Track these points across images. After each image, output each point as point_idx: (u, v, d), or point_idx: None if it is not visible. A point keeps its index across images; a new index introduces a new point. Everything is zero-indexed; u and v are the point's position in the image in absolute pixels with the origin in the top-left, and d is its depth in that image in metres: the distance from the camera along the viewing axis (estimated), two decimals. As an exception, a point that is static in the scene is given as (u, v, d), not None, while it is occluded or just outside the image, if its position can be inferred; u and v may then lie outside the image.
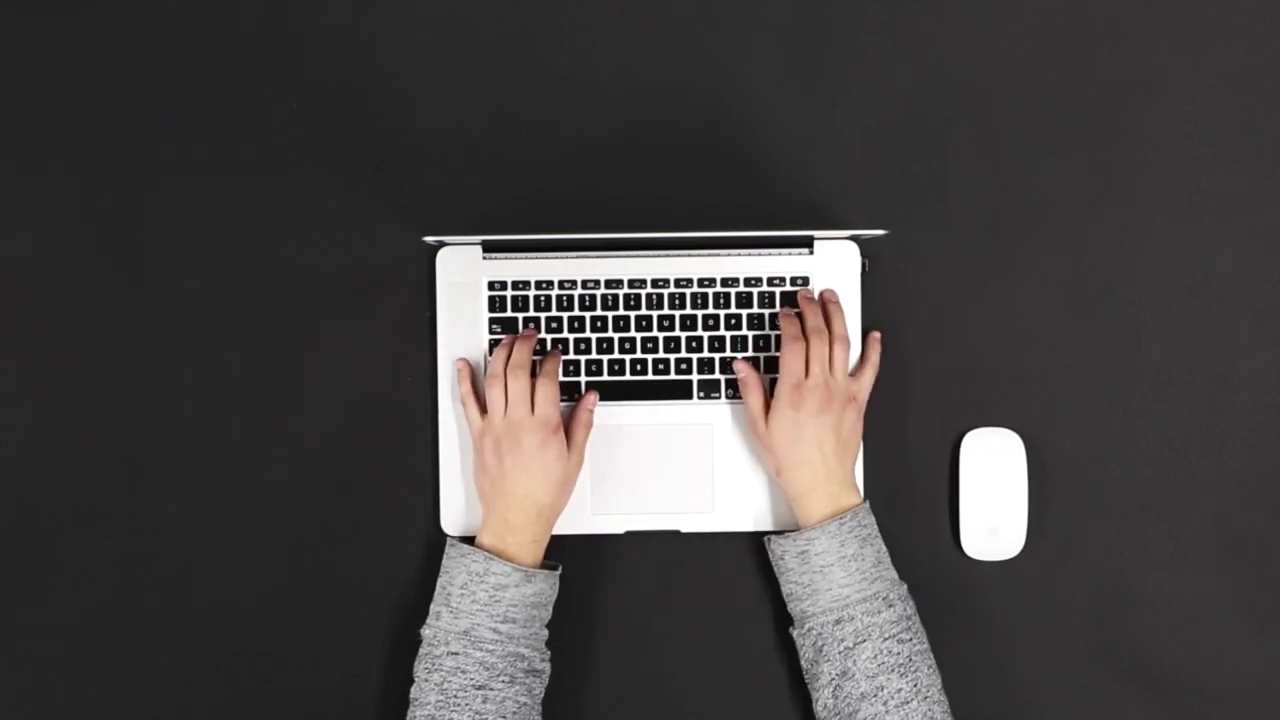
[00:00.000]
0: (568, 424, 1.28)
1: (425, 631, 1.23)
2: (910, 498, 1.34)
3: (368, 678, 1.33)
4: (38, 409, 1.33)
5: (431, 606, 1.24)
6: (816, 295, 1.32)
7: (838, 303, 1.31)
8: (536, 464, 1.24)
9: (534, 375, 1.27)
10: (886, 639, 1.20)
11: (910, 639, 1.21)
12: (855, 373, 1.30)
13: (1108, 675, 1.34)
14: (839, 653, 1.21)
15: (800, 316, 1.29)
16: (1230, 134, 1.35)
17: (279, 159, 1.34)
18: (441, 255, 1.33)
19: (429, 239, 1.28)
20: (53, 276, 1.34)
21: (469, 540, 1.27)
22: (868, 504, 1.27)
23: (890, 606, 1.21)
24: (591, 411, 1.29)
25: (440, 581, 1.24)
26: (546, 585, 1.24)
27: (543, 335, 1.32)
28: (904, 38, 1.35)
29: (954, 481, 1.34)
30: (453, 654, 1.20)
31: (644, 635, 1.34)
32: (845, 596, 1.22)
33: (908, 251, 1.34)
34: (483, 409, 1.28)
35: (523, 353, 1.27)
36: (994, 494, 1.33)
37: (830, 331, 1.28)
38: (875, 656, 1.20)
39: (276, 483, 1.34)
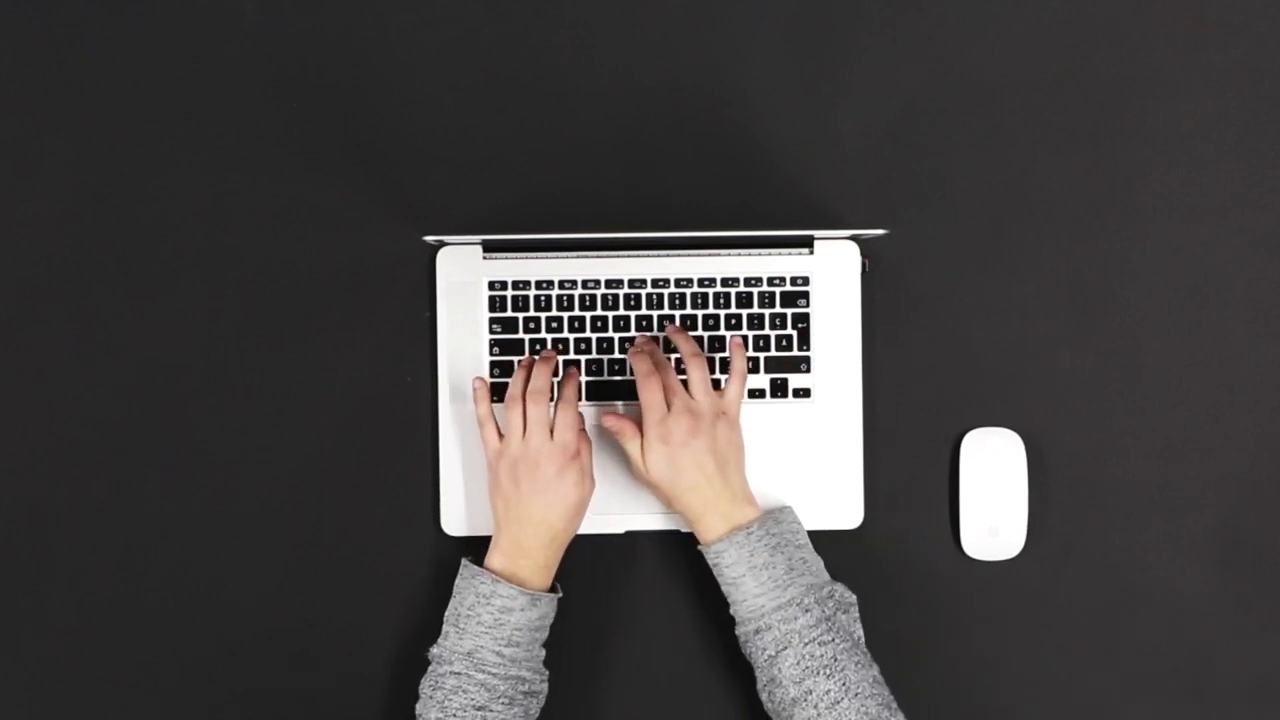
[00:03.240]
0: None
1: (433, 650, 1.23)
2: (910, 498, 1.34)
3: (367, 678, 1.33)
4: (37, 409, 1.33)
5: (443, 625, 1.24)
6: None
7: (678, 328, 1.30)
8: (554, 491, 1.23)
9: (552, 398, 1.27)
10: (807, 643, 1.19)
11: (831, 639, 1.20)
12: (723, 386, 1.28)
13: (1108, 675, 1.34)
14: (764, 661, 1.21)
15: (649, 353, 1.28)
16: (1230, 134, 1.35)
17: (279, 159, 1.34)
18: (441, 255, 1.33)
19: (429, 239, 1.28)
20: (52, 276, 1.34)
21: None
22: (780, 513, 1.25)
23: (806, 611, 1.20)
24: (585, 433, 1.28)
25: (452, 602, 1.24)
26: (549, 608, 1.24)
27: (562, 355, 1.31)
28: (904, 37, 1.35)
29: (954, 481, 1.34)
30: (455, 673, 1.21)
31: (643, 635, 1.34)
32: (760, 606, 1.21)
33: (908, 251, 1.34)
34: (499, 431, 1.27)
35: (542, 376, 1.26)
36: (994, 494, 1.33)
37: (681, 353, 1.27)
38: (798, 662, 1.19)
39: (276, 483, 1.34)
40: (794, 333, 1.33)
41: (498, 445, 1.26)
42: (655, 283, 1.33)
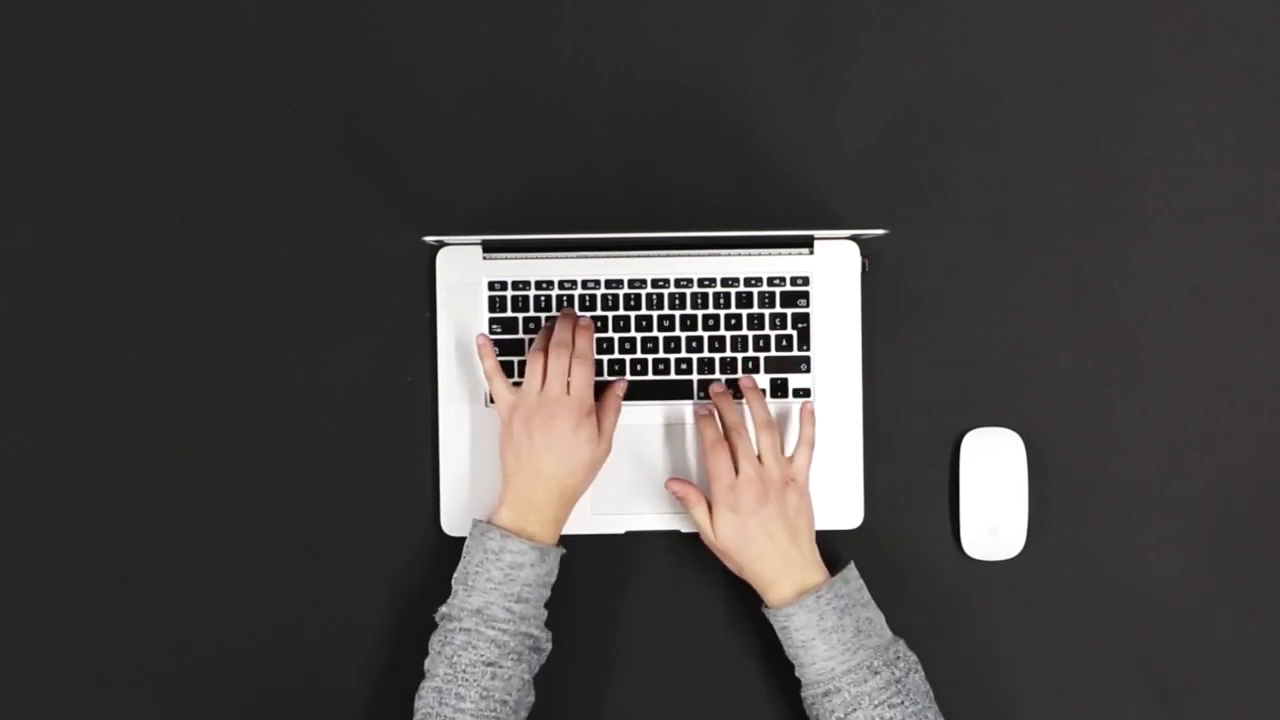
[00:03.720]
0: (598, 409, 1.27)
1: (441, 609, 1.23)
2: (910, 498, 1.34)
3: (367, 677, 1.33)
4: (37, 409, 1.33)
5: (452, 582, 1.24)
6: (724, 385, 1.31)
7: (754, 387, 1.30)
8: (568, 444, 1.23)
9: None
10: (876, 705, 1.20)
11: (900, 702, 1.20)
12: (793, 452, 1.28)
13: (1108, 675, 1.34)
14: None
15: (721, 414, 1.28)
16: (1230, 134, 1.35)
17: (279, 159, 1.34)
18: (441, 255, 1.33)
19: (429, 239, 1.28)
20: (52, 276, 1.34)
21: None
22: (847, 572, 1.25)
23: (876, 674, 1.20)
24: (620, 397, 1.28)
25: (460, 562, 1.24)
26: (555, 563, 1.24)
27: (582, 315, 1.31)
28: (904, 37, 1.35)
29: (954, 481, 1.34)
30: (464, 630, 1.20)
31: (644, 635, 1.34)
32: (830, 669, 1.21)
33: (908, 251, 1.34)
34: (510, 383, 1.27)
35: (565, 331, 1.26)
36: (994, 494, 1.33)
37: (754, 420, 1.27)
38: None
39: (276, 483, 1.34)
40: (794, 333, 1.33)
41: (511, 397, 1.25)
42: (655, 283, 1.33)
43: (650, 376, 1.32)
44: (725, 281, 1.33)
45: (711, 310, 1.33)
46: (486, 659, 1.19)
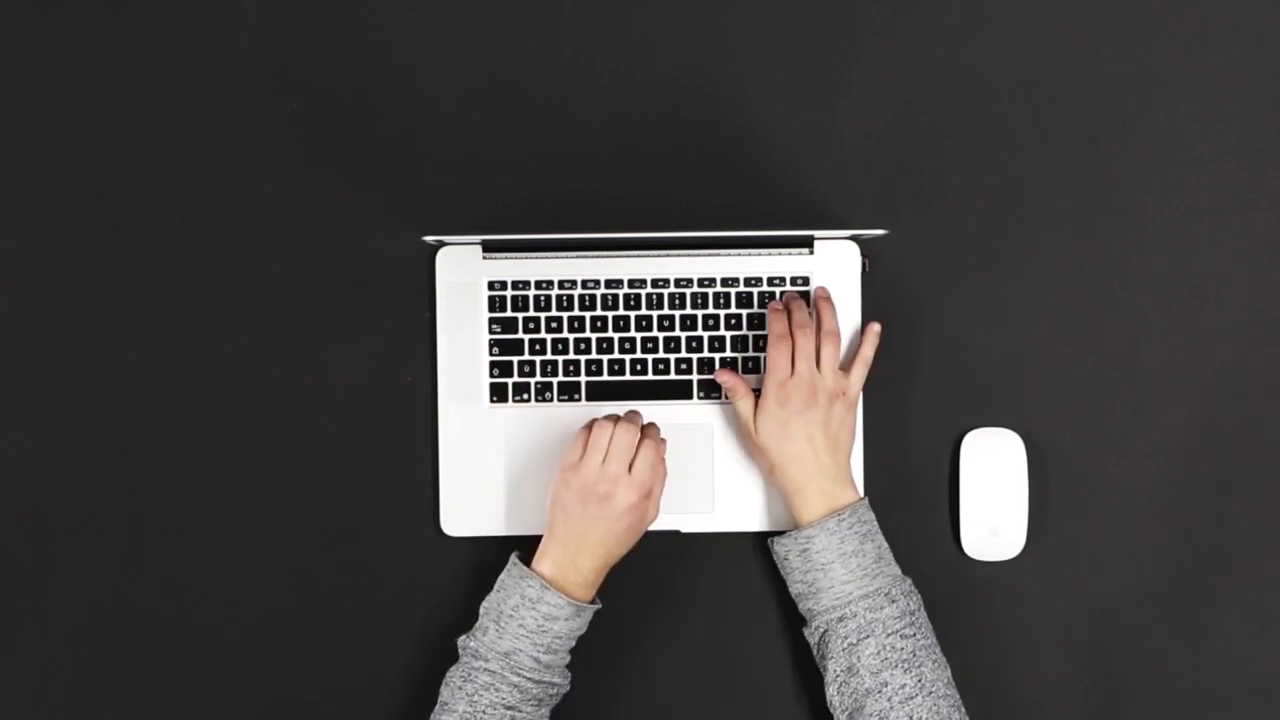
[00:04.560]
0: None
1: (469, 643, 1.22)
2: (910, 498, 1.34)
3: (367, 677, 1.33)
4: (37, 409, 1.33)
5: (481, 617, 1.23)
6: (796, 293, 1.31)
7: (828, 299, 1.30)
8: (622, 523, 1.22)
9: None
10: (890, 634, 1.20)
11: (914, 634, 1.21)
12: (846, 367, 1.29)
13: (1108, 675, 1.34)
14: (843, 649, 1.21)
15: (788, 312, 1.29)
16: (1230, 134, 1.35)
17: (279, 159, 1.34)
18: (441, 255, 1.33)
19: (429, 239, 1.28)
20: (52, 276, 1.34)
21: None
22: (866, 500, 1.26)
23: (893, 602, 1.21)
24: (664, 462, 1.26)
25: (494, 597, 1.23)
26: (588, 620, 1.24)
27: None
28: (904, 38, 1.35)
29: (954, 481, 1.34)
30: (489, 671, 1.20)
31: (644, 635, 1.34)
32: (848, 593, 1.22)
33: (908, 251, 1.34)
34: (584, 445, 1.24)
35: (636, 418, 1.25)
36: (994, 494, 1.33)
37: (820, 327, 1.28)
38: (879, 652, 1.20)
39: (276, 483, 1.34)
40: (794, 333, 1.33)
41: (574, 459, 1.23)
42: (655, 283, 1.33)
43: (650, 376, 1.32)
44: (725, 281, 1.33)
45: (711, 310, 1.33)
46: (507, 703, 1.20)
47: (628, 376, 1.32)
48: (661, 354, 1.33)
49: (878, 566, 1.23)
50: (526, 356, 1.33)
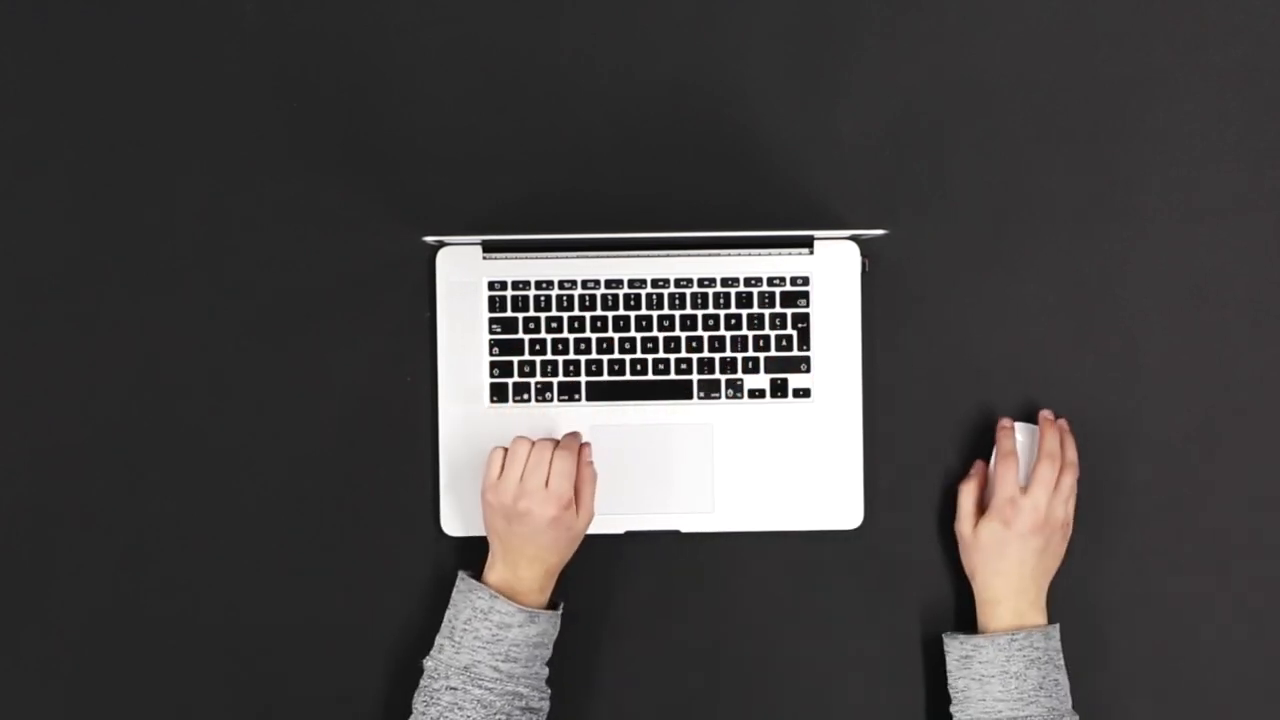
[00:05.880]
0: (575, 485, 1.24)
1: (427, 663, 1.23)
2: (910, 498, 1.34)
3: (367, 678, 1.33)
4: (38, 409, 1.33)
5: (436, 637, 1.24)
6: (1054, 417, 1.31)
7: (1070, 431, 1.30)
8: (547, 536, 1.22)
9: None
10: None
11: None
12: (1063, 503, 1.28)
13: (1108, 675, 1.34)
14: None
15: (1041, 435, 1.28)
16: (1230, 134, 1.35)
17: (279, 159, 1.34)
18: (441, 255, 1.33)
19: (429, 239, 1.28)
20: (52, 276, 1.34)
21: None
22: (1052, 629, 1.26)
23: None
24: (592, 464, 1.27)
25: (447, 614, 1.24)
26: (550, 625, 1.24)
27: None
28: (904, 38, 1.35)
29: (953, 482, 1.34)
30: (451, 689, 1.20)
31: (643, 635, 1.34)
32: (996, 710, 1.22)
33: (908, 251, 1.34)
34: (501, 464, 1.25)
35: (554, 436, 1.26)
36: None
37: (1062, 457, 1.28)
38: None
39: (276, 483, 1.34)
40: (794, 333, 1.33)
41: (493, 479, 1.24)
42: (655, 283, 1.33)
43: (650, 376, 1.32)
44: (725, 281, 1.33)
45: (711, 310, 1.33)
46: (472, 719, 1.19)
47: (628, 376, 1.32)
48: (661, 354, 1.33)
49: (1037, 694, 1.22)
50: (527, 356, 1.33)
